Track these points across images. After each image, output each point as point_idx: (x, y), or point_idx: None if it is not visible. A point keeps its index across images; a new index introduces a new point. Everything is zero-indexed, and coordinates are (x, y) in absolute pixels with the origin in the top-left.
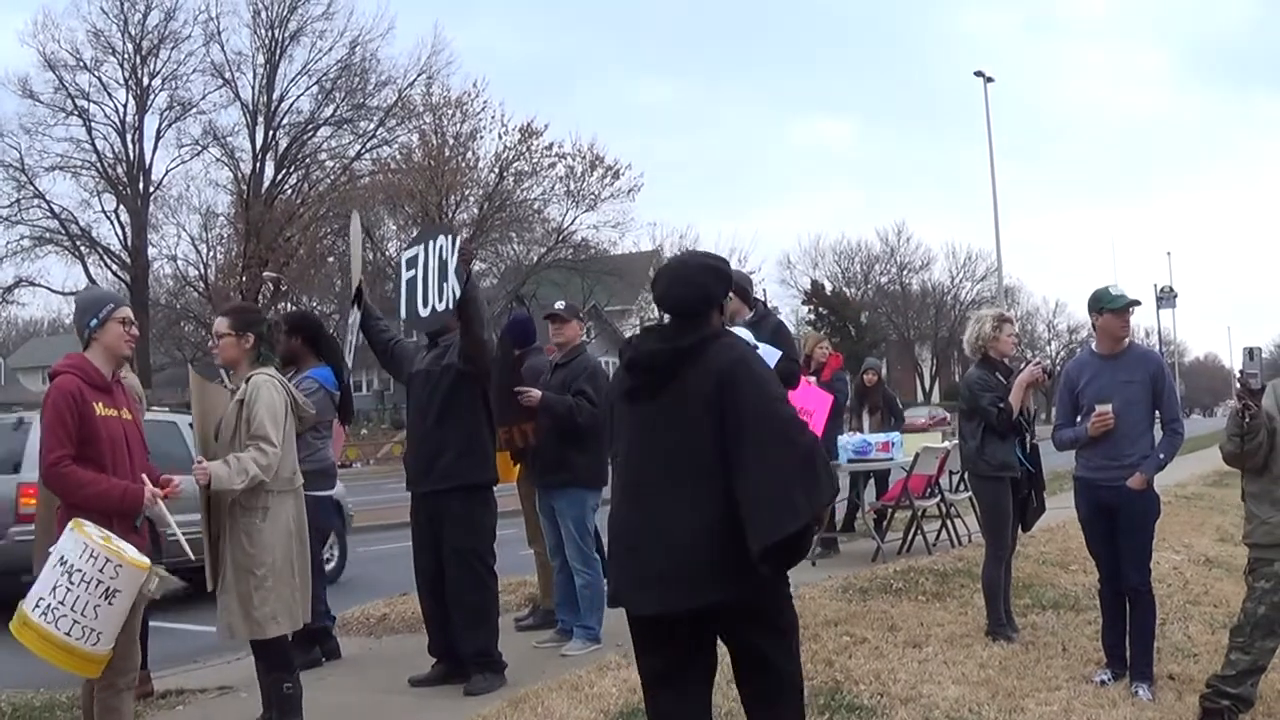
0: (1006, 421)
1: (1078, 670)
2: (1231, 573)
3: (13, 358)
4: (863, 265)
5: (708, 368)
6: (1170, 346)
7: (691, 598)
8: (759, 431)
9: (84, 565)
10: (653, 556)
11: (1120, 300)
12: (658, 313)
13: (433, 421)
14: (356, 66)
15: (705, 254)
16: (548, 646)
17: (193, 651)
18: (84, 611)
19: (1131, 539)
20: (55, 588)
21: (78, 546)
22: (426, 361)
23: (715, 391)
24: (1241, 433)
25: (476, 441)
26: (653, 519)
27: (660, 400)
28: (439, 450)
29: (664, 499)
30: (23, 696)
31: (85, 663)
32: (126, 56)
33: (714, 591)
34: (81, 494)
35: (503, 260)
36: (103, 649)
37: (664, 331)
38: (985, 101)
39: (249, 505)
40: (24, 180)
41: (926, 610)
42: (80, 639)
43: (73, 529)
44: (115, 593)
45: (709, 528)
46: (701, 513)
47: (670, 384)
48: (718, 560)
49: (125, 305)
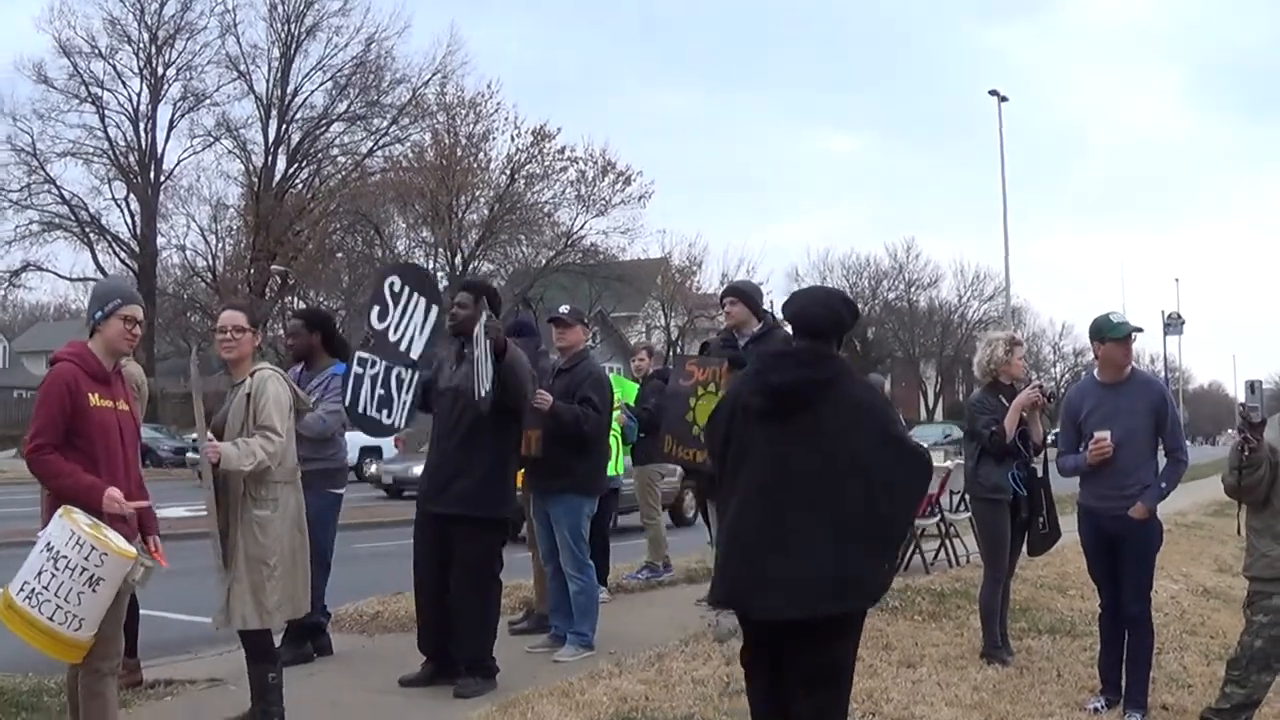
0: (1000, 445)
1: (1072, 697)
2: (1229, 604)
3: (17, 341)
4: (870, 280)
5: (845, 399)
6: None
7: (817, 605)
8: (887, 461)
9: (70, 552)
10: (785, 564)
11: (1122, 329)
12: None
13: (457, 443)
14: (371, 63)
15: (840, 290)
16: (540, 652)
17: (184, 642)
18: (67, 597)
19: (1133, 568)
20: (40, 573)
21: (64, 533)
22: (457, 378)
23: (853, 422)
24: (1241, 466)
25: (500, 471)
26: (789, 531)
27: (795, 423)
28: (459, 473)
29: (799, 514)
30: (10, 680)
31: (67, 648)
32: (142, 45)
33: (840, 601)
34: (54, 483)
35: (511, 262)
36: (85, 635)
37: (800, 358)
38: (999, 120)
39: (260, 497)
40: (35, 165)
41: (922, 630)
42: (63, 624)
43: (62, 515)
44: (99, 580)
45: (838, 544)
46: (833, 529)
47: (806, 409)
48: (844, 575)
49: (134, 303)
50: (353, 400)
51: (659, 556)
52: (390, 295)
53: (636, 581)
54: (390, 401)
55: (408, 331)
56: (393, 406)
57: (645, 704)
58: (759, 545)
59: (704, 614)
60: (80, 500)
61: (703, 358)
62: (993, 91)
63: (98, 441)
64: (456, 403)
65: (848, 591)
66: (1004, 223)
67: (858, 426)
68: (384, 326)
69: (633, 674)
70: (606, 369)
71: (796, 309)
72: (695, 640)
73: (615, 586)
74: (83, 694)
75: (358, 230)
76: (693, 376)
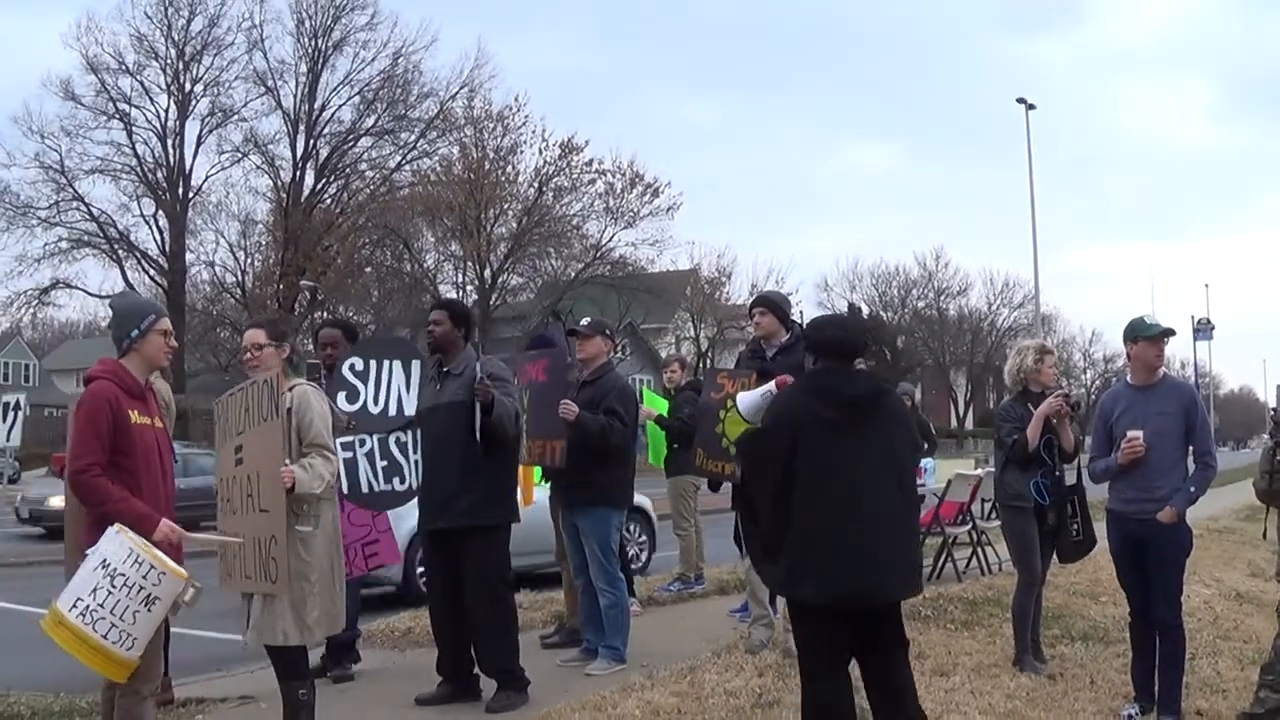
0: (1022, 453)
1: (1105, 704)
2: (1263, 608)
3: (47, 359)
4: (900, 289)
5: (892, 409)
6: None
7: (920, 583)
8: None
9: (128, 570)
10: (892, 552)
11: (1155, 329)
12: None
13: (457, 458)
14: (399, 78)
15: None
16: (572, 665)
17: (215, 660)
18: (123, 616)
19: (1162, 573)
20: (96, 590)
21: (122, 550)
22: (449, 394)
23: (900, 429)
24: (1273, 470)
25: (504, 481)
26: (886, 525)
27: (861, 431)
28: (462, 489)
29: (886, 510)
30: (42, 700)
31: (117, 666)
32: (169, 61)
33: (918, 584)
34: (104, 508)
35: (540, 275)
36: (135, 654)
37: (862, 374)
38: (1026, 128)
39: (302, 513)
40: (64, 183)
41: (955, 639)
42: (116, 643)
43: (117, 533)
44: (155, 600)
45: (911, 532)
46: (906, 519)
47: (870, 418)
48: (916, 561)
49: (166, 316)
50: (351, 486)
51: (691, 568)
52: (355, 376)
53: (668, 594)
54: (400, 468)
55: (390, 397)
56: (404, 471)
57: (678, 716)
58: (869, 539)
59: (736, 625)
60: (129, 526)
61: (733, 370)
62: (1020, 99)
63: (140, 460)
64: (450, 416)
65: (920, 570)
66: (1033, 230)
67: (900, 432)
68: (357, 407)
69: (665, 686)
70: (635, 380)
71: (841, 338)
72: (728, 652)
73: (647, 599)
74: (120, 715)
75: (387, 244)
76: (723, 389)
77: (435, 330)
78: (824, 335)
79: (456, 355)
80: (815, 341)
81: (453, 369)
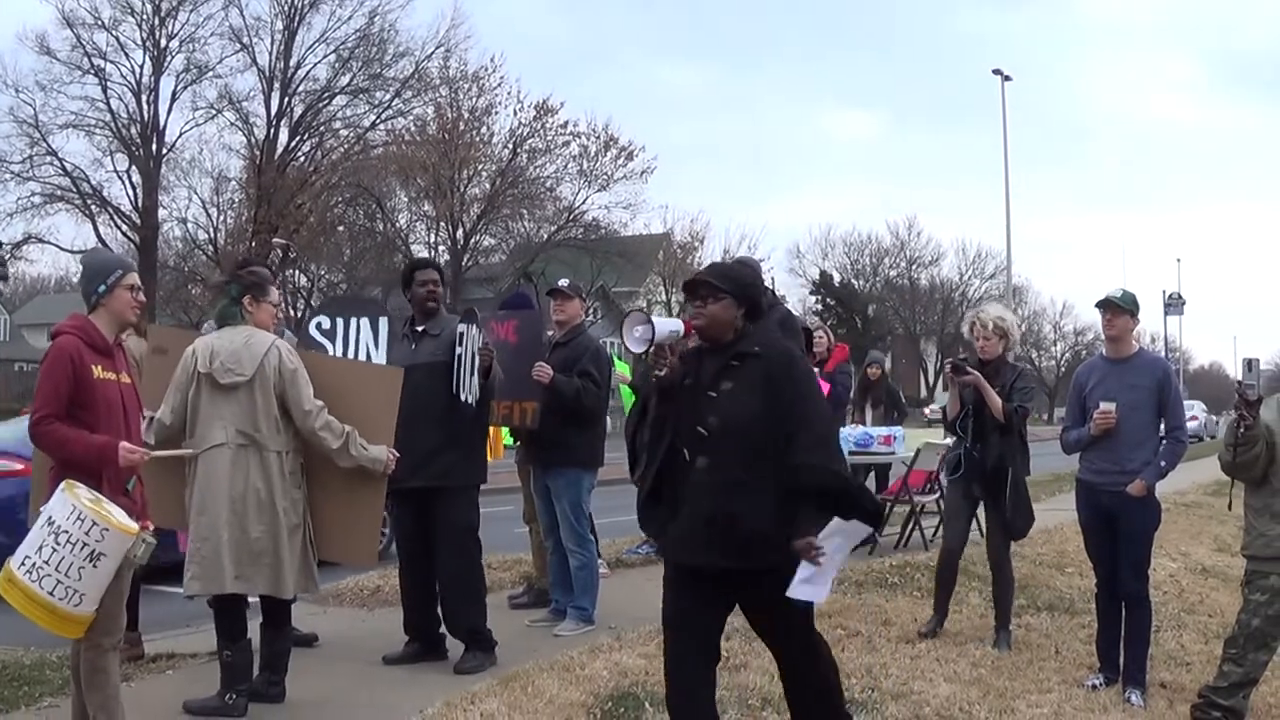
0: (944, 423)
1: (1070, 674)
2: (1228, 583)
3: (18, 314)
4: (872, 258)
5: None
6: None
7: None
8: None
9: (70, 527)
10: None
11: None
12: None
13: (434, 419)
14: (375, 37)
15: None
16: (540, 626)
17: (186, 616)
18: (68, 572)
19: (1131, 545)
20: (41, 547)
21: (66, 508)
22: (426, 354)
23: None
24: (1236, 443)
25: (480, 443)
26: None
27: None
28: (441, 448)
29: None
30: (13, 654)
31: (67, 623)
32: (145, 17)
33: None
34: (63, 451)
35: (512, 237)
36: (85, 610)
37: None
38: (1002, 99)
39: (296, 470)
40: (37, 137)
41: (921, 606)
42: (63, 599)
43: (64, 490)
44: (100, 556)
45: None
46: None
47: None
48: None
49: (133, 271)
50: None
51: None
52: (322, 335)
53: (636, 556)
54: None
55: (359, 355)
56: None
57: (645, 678)
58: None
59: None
60: (93, 462)
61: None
62: (996, 70)
63: (100, 414)
64: (430, 378)
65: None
66: (1006, 201)
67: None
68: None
69: (632, 648)
70: (607, 344)
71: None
72: None
73: (615, 561)
74: (85, 669)
75: (360, 203)
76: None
77: (436, 291)
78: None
79: (436, 316)
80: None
81: (429, 329)
